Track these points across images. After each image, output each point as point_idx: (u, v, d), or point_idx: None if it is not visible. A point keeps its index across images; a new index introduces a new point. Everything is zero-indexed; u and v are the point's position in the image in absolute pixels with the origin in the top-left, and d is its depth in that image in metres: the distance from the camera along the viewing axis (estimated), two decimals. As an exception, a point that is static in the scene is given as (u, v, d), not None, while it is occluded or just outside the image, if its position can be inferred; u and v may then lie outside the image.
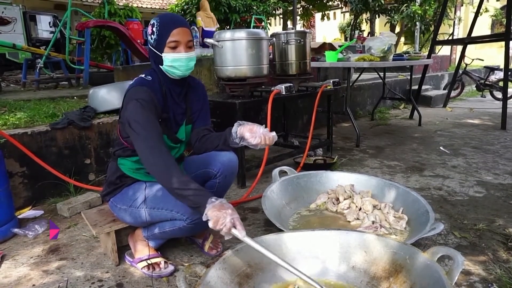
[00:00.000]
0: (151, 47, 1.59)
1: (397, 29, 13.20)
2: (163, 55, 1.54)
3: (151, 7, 15.51)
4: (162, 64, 1.57)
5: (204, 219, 1.28)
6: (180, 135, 1.70)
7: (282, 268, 1.39)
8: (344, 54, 4.24)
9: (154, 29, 1.54)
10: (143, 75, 1.61)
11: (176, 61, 1.54)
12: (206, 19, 6.75)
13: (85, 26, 5.51)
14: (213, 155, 1.71)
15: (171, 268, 1.66)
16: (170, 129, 1.65)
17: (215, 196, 1.33)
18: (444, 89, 7.77)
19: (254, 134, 1.55)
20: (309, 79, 3.30)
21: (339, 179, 2.35)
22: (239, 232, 1.25)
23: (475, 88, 7.99)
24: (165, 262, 1.67)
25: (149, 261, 1.63)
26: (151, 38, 1.57)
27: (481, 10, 6.08)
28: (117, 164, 1.67)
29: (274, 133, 1.58)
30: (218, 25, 7.09)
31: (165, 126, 1.61)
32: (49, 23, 11.10)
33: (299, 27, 15.00)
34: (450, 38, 11.97)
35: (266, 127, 1.58)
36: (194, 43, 4.16)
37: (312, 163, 3.11)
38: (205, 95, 1.82)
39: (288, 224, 2.04)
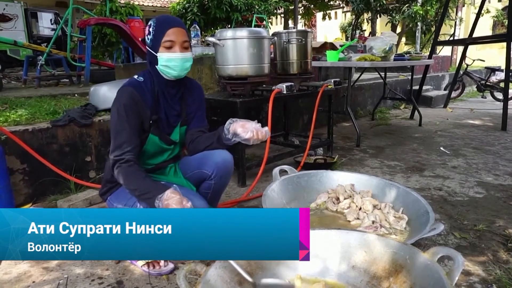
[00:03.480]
0: (148, 48, 1.61)
1: (398, 29, 13.17)
2: (158, 54, 1.55)
3: (152, 5, 15.48)
4: (157, 64, 1.58)
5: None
6: (173, 137, 1.70)
7: (282, 267, 1.39)
8: (345, 53, 4.23)
9: (150, 29, 1.56)
10: (136, 76, 1.63)
11: (171, 61, 1.55)
12: None
13: (87, 23, 5.50)
14: (208, 155, 1.70)
15: (171, 266, 1.66)
16: (162, 131, 1.65)
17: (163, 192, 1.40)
18: (444, 89, 7.76)
19: (246, 129, 1.55)
20: (310, 79, 3.29)
21: (339, 178, 2.34)
22: None
23: (475, 89, 7.98)
24: (165, 260, 1.67)
25: (149, 259, 1.64)
26: (148, 39, 1.59)
27: (482, 11, 6.06)
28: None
29: (266, 128, 1.58)
30: None
31: (157, 127, 1.62)
32: (51, 20, 11.10)
33: (300, 26, 14.99)
34: (451, 38, 11.96)
35: (258, 122, 1.58)
36: (195, 42, 4.15)
37: (313, 162, 3.11)
38: (201, 97, 1.82)
39: (288, 223, 2.03)
